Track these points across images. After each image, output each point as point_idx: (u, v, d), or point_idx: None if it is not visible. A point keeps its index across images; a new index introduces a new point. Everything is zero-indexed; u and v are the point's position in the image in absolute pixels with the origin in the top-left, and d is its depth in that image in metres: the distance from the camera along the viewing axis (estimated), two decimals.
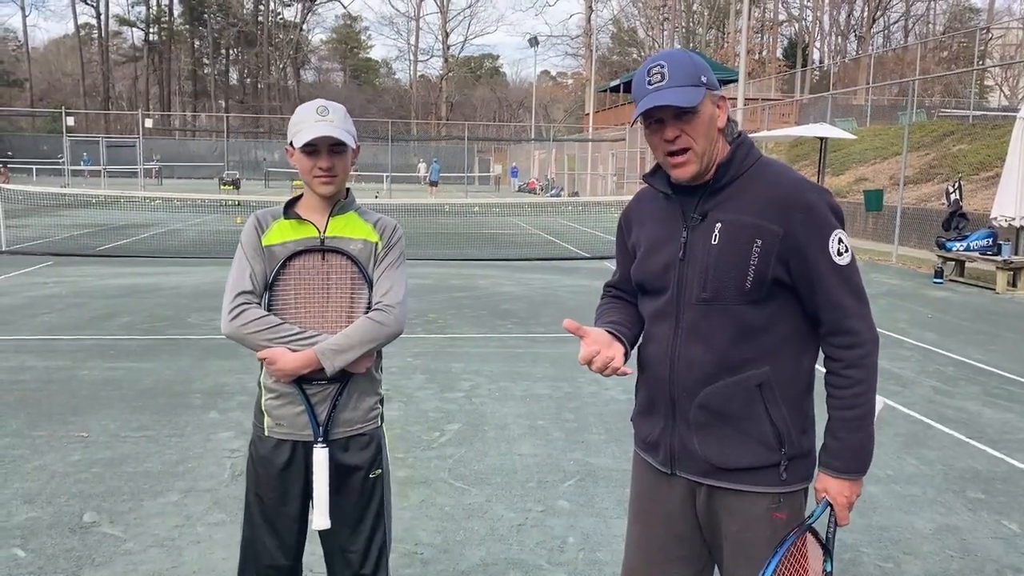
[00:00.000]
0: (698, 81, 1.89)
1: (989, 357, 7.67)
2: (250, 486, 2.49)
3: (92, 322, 8.39)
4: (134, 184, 38.75)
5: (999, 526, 4.05)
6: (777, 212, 1.89)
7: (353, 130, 2.42)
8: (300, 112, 2.39)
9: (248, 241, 2.41)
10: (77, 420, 5.32)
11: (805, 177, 1.99)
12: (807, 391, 2.01)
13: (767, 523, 1.96)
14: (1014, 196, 12.14)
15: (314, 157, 2.35)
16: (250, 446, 2.51)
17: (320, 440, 2.37)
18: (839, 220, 1.93)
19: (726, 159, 1.96)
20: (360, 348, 2.35)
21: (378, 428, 2.52)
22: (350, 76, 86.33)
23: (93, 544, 3.64)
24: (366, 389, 2.47)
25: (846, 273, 1.91)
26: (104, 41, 73.76)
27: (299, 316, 2.38)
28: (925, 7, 60.11)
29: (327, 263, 2.40)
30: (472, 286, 11.35)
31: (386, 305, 2.39)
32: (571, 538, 3.81)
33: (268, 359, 2.33)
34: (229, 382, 6.27)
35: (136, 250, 15.00)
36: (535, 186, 45.05)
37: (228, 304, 2.35)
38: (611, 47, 75.94)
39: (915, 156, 20.49)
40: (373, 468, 2.48)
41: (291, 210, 2.44)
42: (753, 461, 1.95)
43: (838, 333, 1.93)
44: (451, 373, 6.69)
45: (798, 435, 1.97)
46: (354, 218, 2.47)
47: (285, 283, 2.39)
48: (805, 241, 1.89)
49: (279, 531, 2.47)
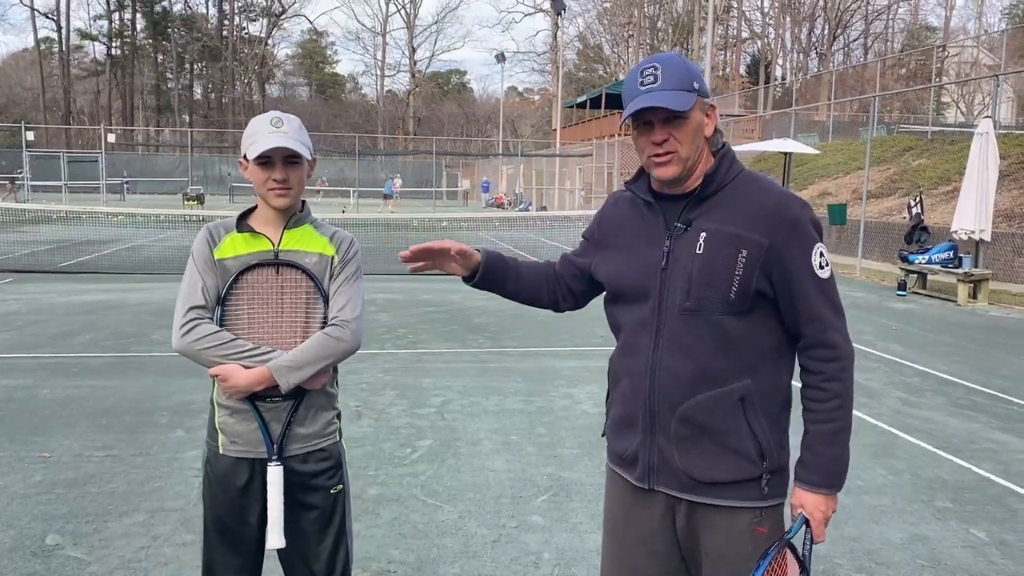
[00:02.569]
0: (690, 87, 1.88)
1: (953, 368, 7.79)
2: (207, 507, 2.41)
3: (54, 340, 8.22)
4: (96, 200, 38.16)
5: (968, 535, 4.10)
6: (763, 224, 1.89)
7: (308, 141, 2.39)
8: (254, 124, 2.35)
9: (199, 254, 2.34)
10: (39, 440, 5.19)
11: (790, 191, 2.01)
12: (785, 406, 2.00)
13: (749, 538, 1.94)
14: (973, 210, 12.38)
15: (268, 169, 2.30)
16: (205, 465, 2.43)
17: (274, 457, 2.30)
18: (820, 234, 1.95)
19: (712, 169, 1.96)
20: (316, 364, 2.30)
21: (337, 443, 2.46)
22: (316, 91, 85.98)
23: (56, 567, 3.54)
24: (322, 404, 2.41)
25: (826, 287, 1.93)
26: (65, 55, 72.74)
27: (252, 331, 2.32)
28: (883, 25, 61.44)
29: (281, 277, 2.35)
30: (442, 301, 11.31)
31: (342, 320, 2.34)
32: (546, 553, 3.78)
33: (220, 376, 2.27)
34: (196, 400, 6.16)
35: (99, 266, 14.75)
36: (503, 201, 45.14)
37: (179, 319, 2.29)
38: (577, 63, 76.52)
39: (877, 171, 20.86)
40: (334, 484, 2.43)
41: (244, 223, 2.39)
42: (735, 475, 1.93)
43: (818, 346, 1.93)
44: (422, 389, 6.64)
45: (777, 449, 1.96)
46: (309, 231, 2.42)
47: (238, 297, 2.33)
48: (789, 253, 1.89)
49: (239, 552, 2.40)
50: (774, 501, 1.97)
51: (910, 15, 61.59)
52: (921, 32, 60.39)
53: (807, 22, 61.59)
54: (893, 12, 60.17)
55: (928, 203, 16.47)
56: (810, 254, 1.90)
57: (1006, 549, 3.94)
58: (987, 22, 56.39)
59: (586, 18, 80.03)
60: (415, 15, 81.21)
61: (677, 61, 1.91)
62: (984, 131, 12.47)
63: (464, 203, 50.27)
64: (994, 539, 4.05)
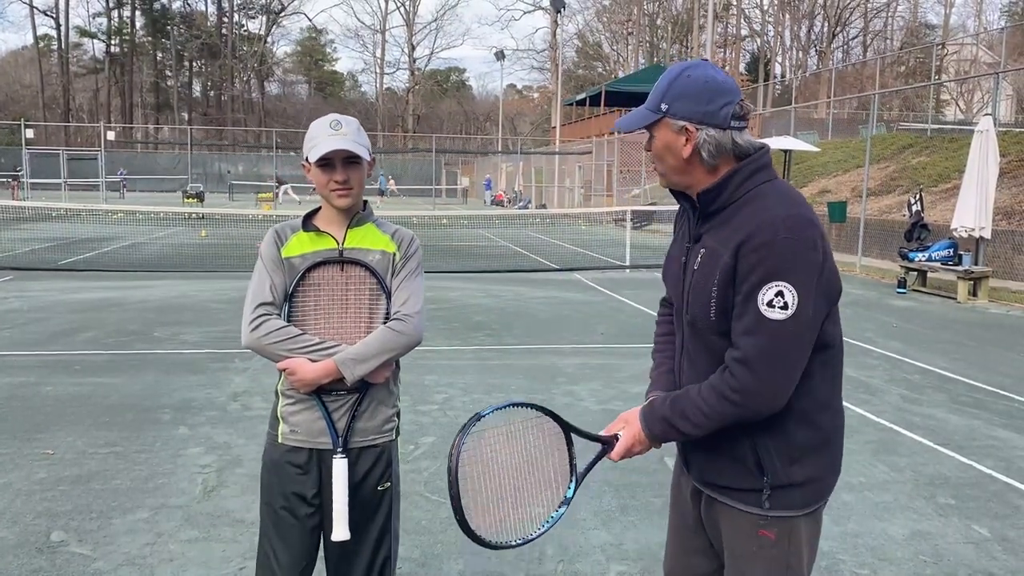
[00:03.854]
0: (656, 108, 1.90)
1: (954, 365, 7.81)
2: (264, 496, 2.47)
3: (55, 337, 8.22)
4: (96, 197, 38.13)
5: (970, 531, 4.11)
6: (737, 244, 1.82)
7: (367, 142, 2.45)
8: (314, 127, 2.42)
9: (267, 253, 2.42)
10: (42, 437, 5.19)
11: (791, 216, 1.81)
12: (800, 418, 1.90)
13: (754, 539, 1.95)
14: (973, 207, 12.40)
15: (329, 171, 2.36)
16: (264, 455, 2.49)
17: (339, 450, 2.36)
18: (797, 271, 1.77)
19: (710, 187, 1.92)
20: (380, 357, 2.37)
21: (392, 441, 2.51)
22: (315, 89, 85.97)
23: (61, 564, 3.55)
24: (384, 400, 2.48)
25: (768, 327, 1.78)
26: (64, 53, 72.68)
27: (318, 327, 2.39)
28: (883, 23, 61.44)
29: (346, 274, 2.42)
30: (443, 299, 11.31)
31: (405, 315, 2.41)
32: (549, 550, 3.79)
33: (288, 369, 2.34)
34: (197, 397, 6.17)
35: (99, 264, 14.75)
36: (503, 199, 45.14)
37: (248, 315, 2.36)
38: (576, 61, 76.57)
39: (876, 168, 20.87)
40: (382, 480, 2.48)
41: (310, 222, 2.46)
42: (733, 482, 1.95)
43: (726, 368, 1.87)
44: (424, 386, 6.66)
45: (785, 465, 1.90)
46: (372, 230, 2.48)
47: (304, 294, 2.40)
48: (744, 277, 1.81)
49: (293, 542, 2.43)
50: (781, 513, 1.92)
51: (909, 13, 61.62)
52: (920, 30, 60.42)
53: (806, 20, 61.59)
54: (892, 10, 60.23)
55: (928, 201, 16.49)
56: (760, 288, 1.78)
57: (1008, 545, 3.96)
58: (986, 20, 56.45)
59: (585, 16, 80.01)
60: (414, 12, 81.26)
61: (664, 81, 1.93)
62: (984, 129, 12.48)
63: (463, 201, 50.27)
64: (996, 535, 4.06)
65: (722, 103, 1.86)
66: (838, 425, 1.99)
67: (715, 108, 1.86)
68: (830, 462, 1.97)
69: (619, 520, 4.14)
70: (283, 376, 2.41)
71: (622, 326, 9.55)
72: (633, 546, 3.86)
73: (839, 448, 2.01)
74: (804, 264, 1.78)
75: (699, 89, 1.86)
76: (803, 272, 1.78)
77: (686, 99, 1.86)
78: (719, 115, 1.86)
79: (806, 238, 1.79)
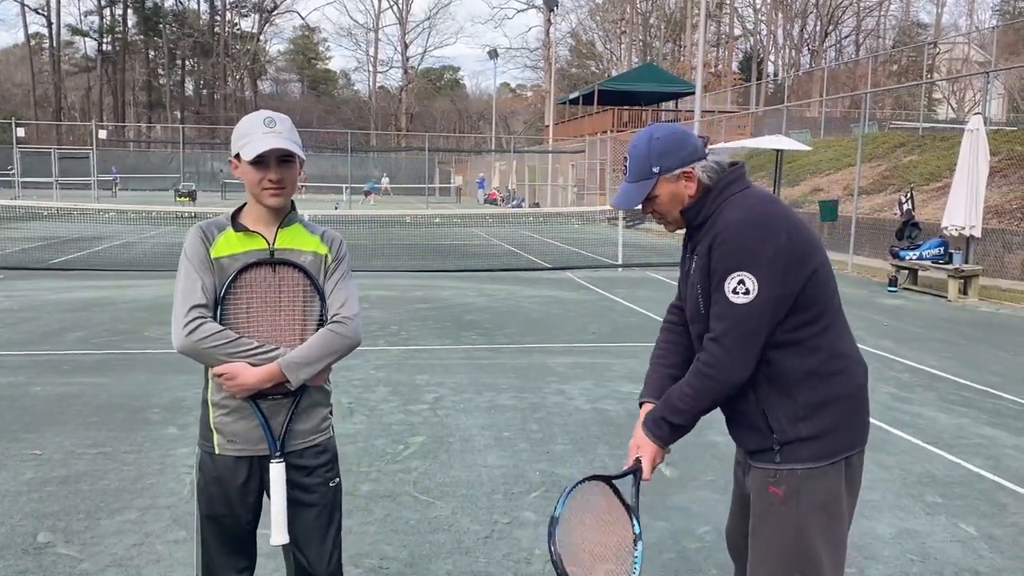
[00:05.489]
0: (648, 173, 2.25)
1: (943, 364, 7.84)
2: (203, 508, 2.42)
3: (46, 337, 8.19)
4: (88, 196, 37.98)
5: (957, 529, 4.13)
6: (708, 246, 2.18)
7: (299, 140, 2.39)
8: (246, 123, 2.35)
9: (194, 253, 2.33)
10: (30, 437, 5.17)
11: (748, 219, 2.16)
12: (801, 383, 2.19)
13: (764, 495, 2.23)
14: (964, 206, 12.44)
15: (263, 169, 2.31)
16: (199, 467, 2.42)
17: (277, 454, 2.33)
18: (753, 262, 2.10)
19: (690, 205, 2.27)
20: (324, 360, 2.34)
21: (331, 437, 2.51)
22: (308, 87, 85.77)
23: (48, 565, 3.53)
24: (318, 400, 2.45)
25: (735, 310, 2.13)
26: (56, 51, 72.37)
27: (251, 329, 2.33)
28: (875, 22, 61.58)
29: (278, 275, 2.37)
30: (435, 297, 11.31)
31: (344, 317, 2.38)
32: (538, 549, 3.79)
33: (227, 374, 2.27)
34: (187, 397, 6.16)
35: (91, 263, 14.69)
36: (496, 197, 45.11)
37: (181, 318, 2.27)
38: (570, 60, 76.47)
39: (868, 167, 20.92)
40: (332, 476, 2.47)
41: (238, 221, 2.39)
42: (755, 444, 2.26)
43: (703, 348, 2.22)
44: (415, 385, 6.65)
45: (791, 423, 2.19)
46: (300, 230, 2.44)
47: (236, 296, 2.33)
48: (714, 271, 2.16)
49: (236, 550, 2.43)
50: (790, 465, 2.19)
51: (901, 12, 61.77)
52: (912, 29, 60.58)
53: (799, 19, 61.70)
54: (885, 9, 60.36)
55: (919, 199, 16.53)
56: (726, 278, 2.13)
57: (995, 543, 3.97)
58: (978, 19, 56.52)
59: (579, 14, 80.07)
60: (407, 11, 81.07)
61: (641, 150, 2.25)
62: (975, 127, 12.52)
63: (457, 199, 50.23)
64: (983, 533, 4.08)
65: (692, 141, 2.26)
66: (846, 388, 2.22)
67: (691, 147, 2.25)
68: (840, 421, 2.20)
69: None
70: (212, 385, 2.36)
71: (614, 325, 9.56)
72: None
73: (853, 409, 2.23)
74: (757, 256, 2.11)
75: (672, 143, 2.25)
76: (758, 262, 2.10)
77: (669, 154, 2.24)
78: (698, 150, 2.26)
79: (761, 235, 2.12)
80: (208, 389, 2.38)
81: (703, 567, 3.66)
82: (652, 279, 14.04)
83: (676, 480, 4.68)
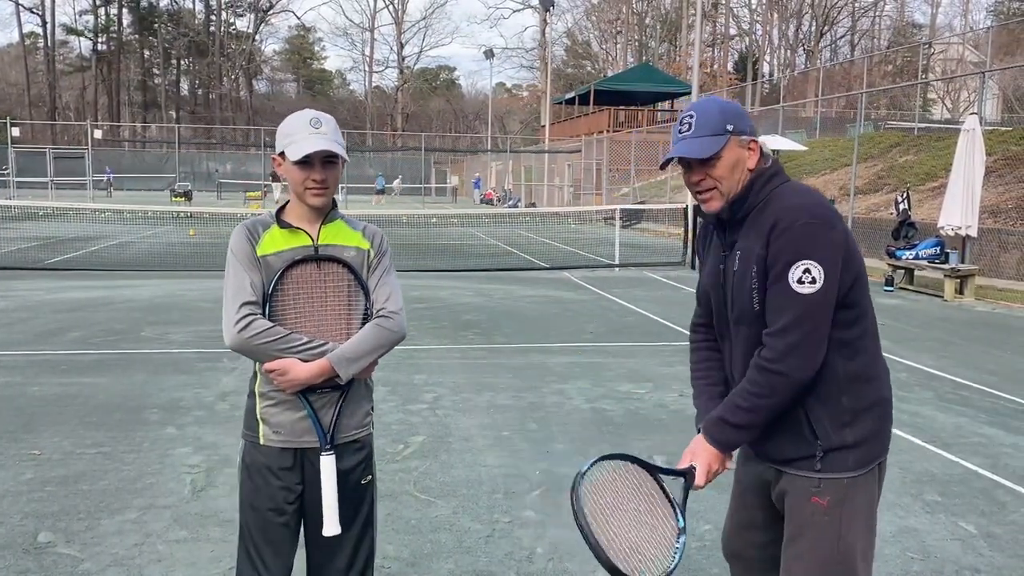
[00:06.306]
0: (722, 130, 2.12)
1: (940, 363, 7.86)
2: (245, 498, 2.44)
3: (42, 337, 8.17)
4: (83, 196, 37.90)
5: (956, 527, 4.14)
6: (766, 236, 2.07)
7: (343, 141, 2.43)
8: (292, 123, 2.36)
9: (241, 251, 2.36)
10: (28, 437, 5.16)
11: (808, 204, 2.08)
12: (846, 386, 2.12)
13: (807, 505, 2.14)
14: (960, 206, 12.47)
15: (307, 169, 2.33)
16: (243, 458, 2.45)
17: (328, 447, 2.35)
18: (819, 250, 2.02)
19: (739, 194, 2.16)
20: (373, 355, 2.38)
21: (370, 434, 2.52)
22: (304, 87, 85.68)
23: (49, 565, 3.53)
24: (363, 395, 2.49)
25: (801, 300, 2.03)
26: (50, 51, 72.16)
27: (299, 325, 2.36)
28: (870, 22, 61.71)
29: (323, 271, 2.40)
30: (432, 297, 11.31)
31: (390, 311, 2.41)
32: (539, 548, 3.80)
33: (279, 370, 2.30)
34: (185, 397, 6.15)
35: (87, 263, 14.66)
36: (492, 197, 45.10)
37: (233, 315, 2.29)
38: (566, 59, 76.52)
39: (864, 167, 20.96)
40: (364, 474, 2.49)
41: (282, 219, 2.43)
42: (793, 452, 2.16)
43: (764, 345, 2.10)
44: (413, 385, 6.65)
45: (837, 429, 2.12)
46: (343, 226, 2.47)
47: (283, 293, 2.37)
48: (774, 260, 2.06)
49: (277, 542, 2.43)
50: (833, 475, 2.12)
51: (896, 12, 61.91)
52: (907, 29, 60.73)
53: (794, 19, 61.83)
54: (880, 9, 60.50)
55: (915, 199, 16.57)
56: (790, 267, 2.03)
57: (994, 541, 3.99)
58: (973, 19, 56.73)
59: (574, 14, 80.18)
60: (403, 11, 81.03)
61: (711, 107, 2.15)
62: (970, 128, 12.55)
63: (453, 200, 50.21)
64: (982, 531, 4.09)
65: (749, 120, 2.19)
66: (883, 392, 2.19)
67: (750, 124, 2.18)
68: (879, 426, 2.18)
69: None
70: (260, 377, 2.38)
71: (611, 324, 9.57)
72: None
73: (887, 414, 2.21)
74: (825, 243, 2.03)
75: (739, 111, 2.18)
76: (825, 250, 2.03)
77: (740, 118, 2.15)
78: (752, 129, 2.18)
79: (824, 221, 2.05)
80: (256, 381, 2.41)
81: (704, 566, 3.67)
82: (649, 279, 14.05)
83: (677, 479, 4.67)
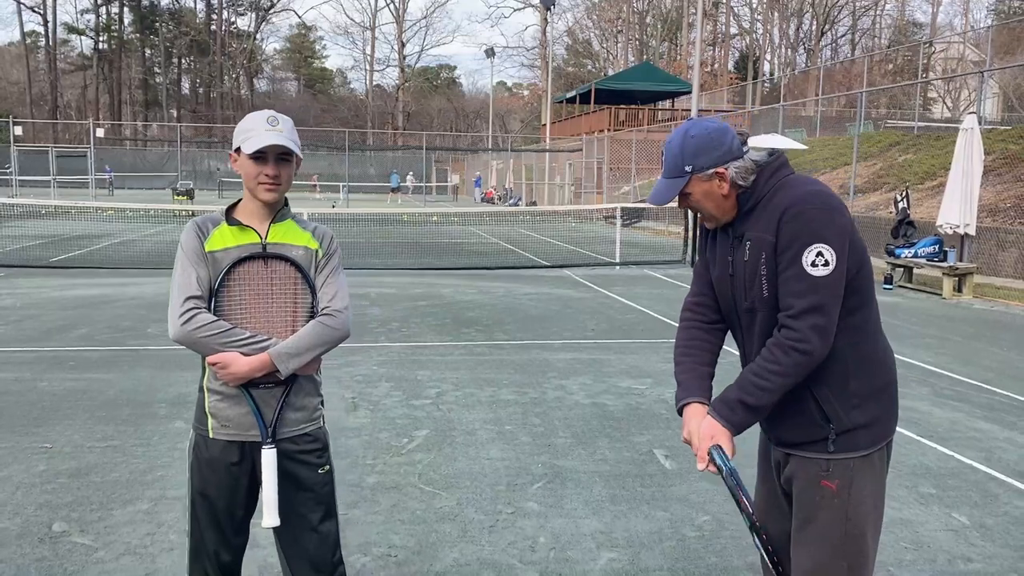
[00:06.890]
0: (680, 172, 2.21)
1: (938, 359, 7.94)
2: (195, 487, 2.52)
3: (49, 334, 8.27)
4: (85, 194, 37.98)
5: (949, 519, 4.23)
6: (775, 223, 2.14)
7: (299, 141, 2.51)
8: (250, 120, 2.46)
9: (190, 246, 2.43)
10: (39, 431, 5.26)
11: (816, 191, 2.16)
12: (854, 370, 2.18)
13: (816, 489, 2.19)
14: (959, 204, 12.54)
15: (261, 164, 2.41)
16: (193, 450, 2.53)
17: (268, 440, 2.42)
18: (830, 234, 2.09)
19: (747, 187, 2.23)
20: (313, 351, 2.44)
21: (321, 427, 2.60)
22: (304, 85, 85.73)
23: (64, 553, 3.62)
24: (309, 390, 2.55)
25: (817, 283, 2.08)
26: (52, 50, 72.25)
27: (244, 321, 2.43)
28: (871, 21, 61.73)
29: (270, 269, 2.46)
30: (434, 295, 11.39)
31: (334, 310, 2.47)
32: (541, 538, 3.89)
33: (220, 363, 2.37)
34: (192, 392, 6.18)
35: (91, 261, 14.76)
36: (493, 196, 45.17)
37: (177, 308, 2.37)
38: (566, 58, 76.56)
39: (863, 166, 21.04)
40: (322, 463, 2.56)
41: (232, 216, 2.50)
42: (804, 435, 2.21)
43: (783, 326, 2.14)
44: (417, 381, 6.74)
45: (847, 411, 2.17)
46: (292, 226, 2.53)
47: (230, 289, 2.43)
48: (786, 246, 2.12)
49: (224, 529, 2.52)
50: (844, 455, 2.17)
51: (897, 11, 61.92)
52: (908, 28, 60.73)
53: (795, 18, 61.85)
54: (880, 8, 60.49)
55: (914, 198, 16.64)
56: (803, 251, 2.08)
57: (986, 532, 4.07)
58: (973, 18, 56.74)
59: (575, 13, 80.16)
60: (404, 10, 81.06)
61: (675, 148, 2.22)
62: (969, 127, 12.62)
63: (454, 198, 50.27)
64: (975, 523, 4.18)
65: (729, 140, 2.20)
66: (890, 375, 2.25)
67: (727, 147, 2.20)
68: (887, 407, 2.23)
69: (609, 509, 4.24)
70: (208, 372, 2.45)
71: (612, 322, 9.65)
72: (623, 534, 3.95)
73: (894, 396, 2.26)
74: (835, 227, 2.10)
75: (706, 142, 2.20)
76: (836, 234, 2.09)
77: (702, 154, 2.19)
78: (733, 149, 2.21)
79: (833, 206, 2.12)
80: (205, 376, 2.49)
81: (702, 555, 3.76)
82: (649, 277, 14.13)
83: (676, 472, 4.78)
